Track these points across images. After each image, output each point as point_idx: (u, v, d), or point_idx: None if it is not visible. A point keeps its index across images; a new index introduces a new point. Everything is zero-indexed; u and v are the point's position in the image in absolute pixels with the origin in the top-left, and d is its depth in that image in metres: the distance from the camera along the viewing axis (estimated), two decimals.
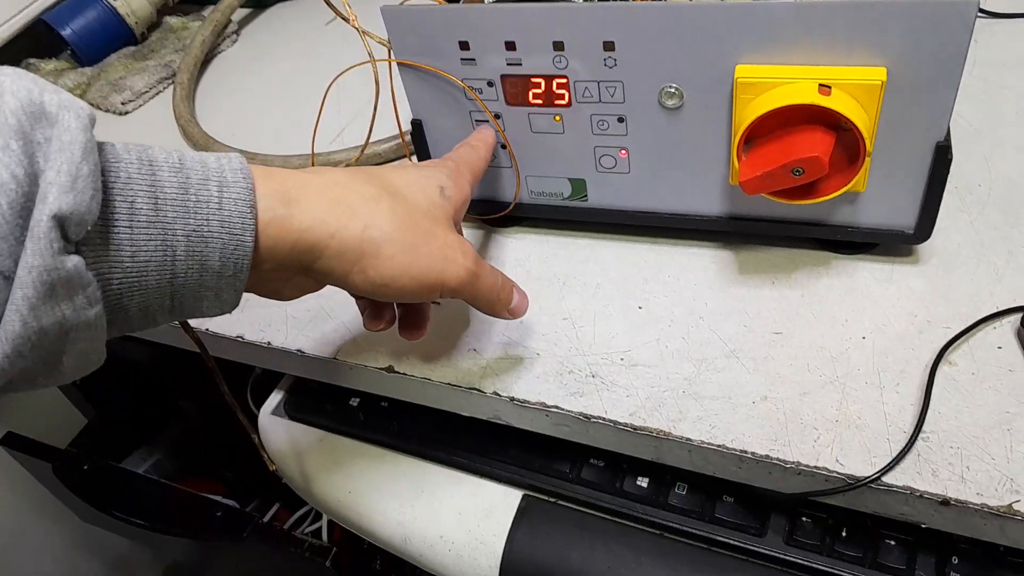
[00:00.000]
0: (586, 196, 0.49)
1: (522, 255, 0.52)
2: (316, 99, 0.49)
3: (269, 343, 0.50)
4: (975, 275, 0.44)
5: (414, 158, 0.51)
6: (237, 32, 0.83)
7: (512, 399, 0.43)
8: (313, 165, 0.55)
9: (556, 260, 0.51)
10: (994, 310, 0.42)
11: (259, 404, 0.58)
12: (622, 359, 0.44)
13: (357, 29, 0.42)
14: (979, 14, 0.63)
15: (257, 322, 0.51)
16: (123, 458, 0.84)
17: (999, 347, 0.41)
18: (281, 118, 0.69)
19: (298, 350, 0.49)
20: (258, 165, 0.33)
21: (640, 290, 0.48)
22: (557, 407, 0.43)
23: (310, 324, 0.50)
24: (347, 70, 0.46)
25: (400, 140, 0.60)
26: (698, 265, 0.49)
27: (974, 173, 0.50)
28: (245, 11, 0.86)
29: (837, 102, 0.37)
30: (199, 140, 0.66)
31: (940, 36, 0.36)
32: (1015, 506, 0.35)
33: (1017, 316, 0.42)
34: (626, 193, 0.48)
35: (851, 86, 0.38)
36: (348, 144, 0.63)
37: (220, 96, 0.75)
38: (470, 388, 0.44)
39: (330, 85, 0.48)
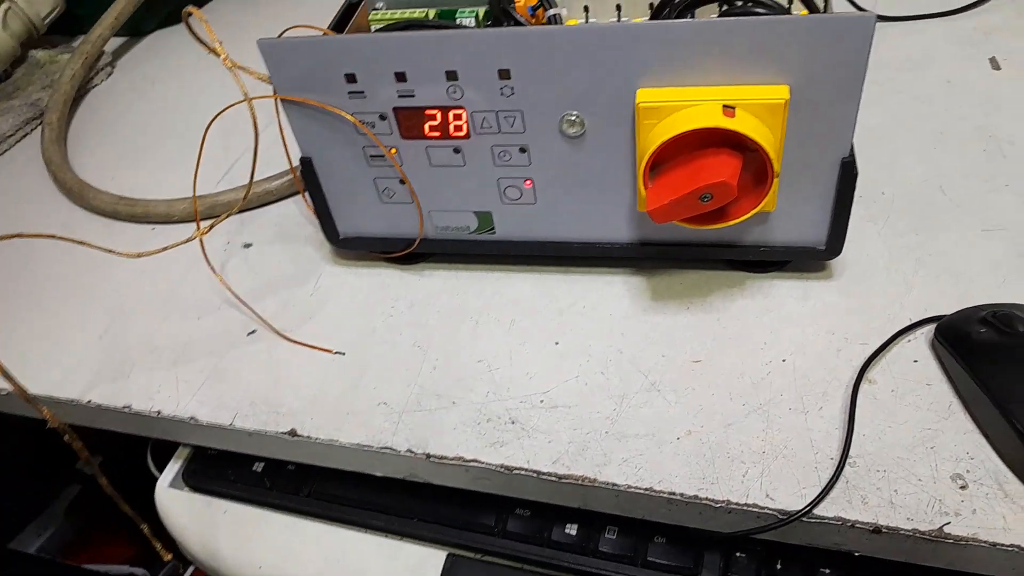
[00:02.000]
0: (493, 229, 0.47)
1: (431, 294, 0.49)
2: (200, 134, 0.45)
3: (159, 412, 0.45)
4: (887, 287, 0.44)
5: (307, 195, 0.48)
6: (111, 64, 0.77)
7: (428, 456, 0.41)
8: (195, 208, 0.51)
9: (467, 296, 0.48)
10: (908, 322, 0.42)
11: (162, 468, 0.53)
12: (542, 401, 0.42)
13: (229, 67, 0.38)
14: None
15: (146, 388, 0.47)
16: (13, 536, 0.77)
17: (915, 360, 0.41)
18: (164, 158, 0.65)
19: (191, 418, 0.45)
20: None
21: (556, 324, 0.46)
22: (476, 460, 0.40)
23: (203, 388, 0.46)
24: (224, 111, 0.42)
25: (292, 176, 0.56)
26: (613, 294, 0.47)
27: (877, 180, 0.50)
28: (119, 40, 0.80)
29: (742, 123, 0.36)
30: (73, 187, 0.61)
31: (840, 52, 0.35)
32: (946, 528, 0.34)
33: (931, 327, 0.41)
34: (534, 224, 0.46)
35: (755, 106, 0.37)
36: (237, 182, 0.59)
37: (95, 136, 0.69)
38: (382, 448, 0.41)
39: (208, 127, 0.44)
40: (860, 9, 0.63)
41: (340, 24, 0.47)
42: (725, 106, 0.36)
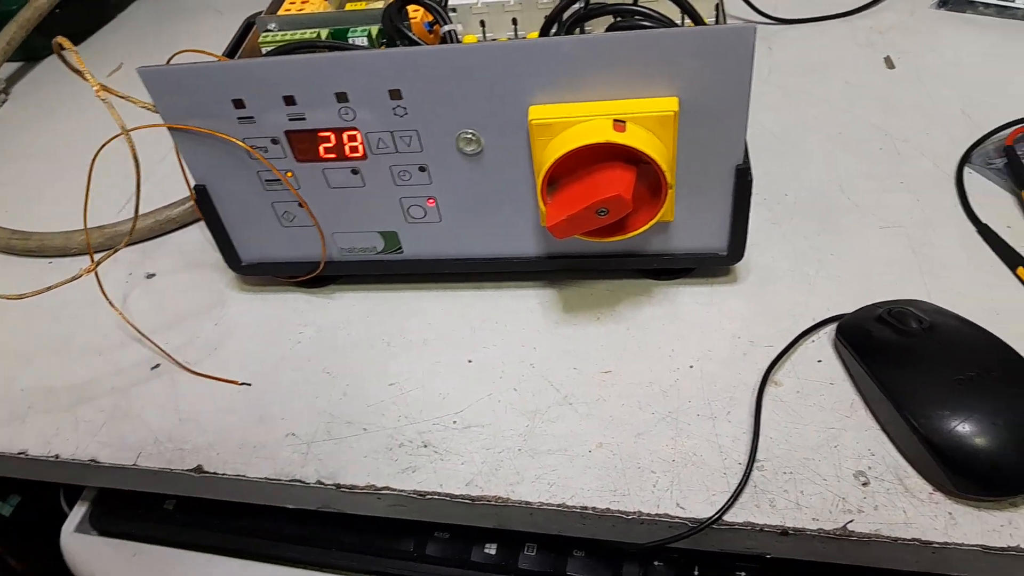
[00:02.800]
0: (401, 248, 0.46)
1: (341, 317, 0.48)
2: (101, 162, 0.43)
3: (57, 456, 0.43)
4: (791, 288, 0.45)
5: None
6: (6, 91, 0.74)
7: (338, 486, 0.40)
8: (88, 240, 0.49)
9: (378, 318, 0.47)
10: (811, 323, 0.43)
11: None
12: (455, 422, 0.41)
13: (103, 99, 0.37)
14: (771, 22, 0.65)
15: (42, 432, 0.45)
16: None
17: (819, 360, 0.41)
18: (64, 188, 0.62)
19: (92, 460, 0.43)
20: None
21: (469, 341, 0.45)
22: (388, 488, 0.39)
23: (105, 427, 0.44)
24: (105, 144, 0.40)
25: (192, 202, 0.54)
26: (524, 308, 0.47)
27: (781, 182, 0.51)
28: (15, 65, 0.77)
29: (632, 137, 0.36)
30: None
31: (724, 63, 0.36)
32: (849, 527, 0.35)
33: (832, 327, 0.42)
34: (441, 241, 0.45)
35: (645, 119, 0.37)
36: (141, 209, 0.57)
37: None
38: (291, 481, 0.40)
39: (93, 160, 0.42)
40: (760, 13, 0.65)
41: (236, 48, 0.45)
42: (616, 120, 0.36)
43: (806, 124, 0.55)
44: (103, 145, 0.41)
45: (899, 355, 0.38)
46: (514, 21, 0.45)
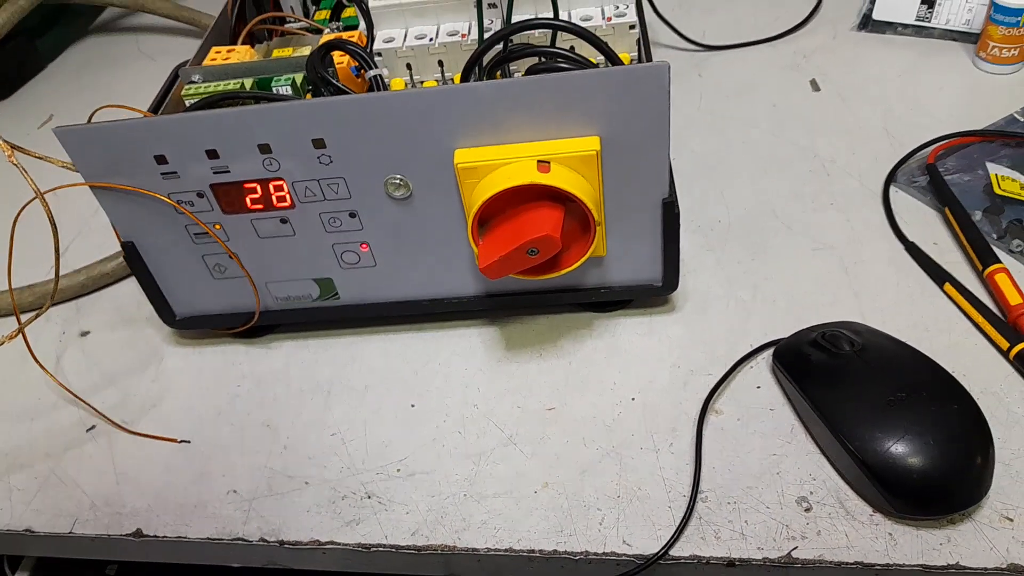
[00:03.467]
0: (337, 294, 0.46)
1: (280, 367, 0.47)
2: (32, 219, 0.42)
3: None
4: (727, 315, 0.45)
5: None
6: None
7: (282, 543, 0.39)
8: (13, 301, 0.47)
9: (318, 366, 0.47)
10: (748, 349, 0.43)
11: None
12: (399, 470, 0.41)
13: (15, 163, 0.36)
14: (699, 48, 0.66)
15: None
16: None
17: (758, 387, 0.42)
18: None
19: (27, 529, 0.41)
20: None
21: (412, 385, 0.45)
22: (333, 542, 0.38)
23: (39, 495, 0.43)
24: (22, 209, 0.39)
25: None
26: (466, 346, 0.46)
27: (713, 209, 0.52)
28: None
29: (557, 178, 0.36)
30: None
31: (642, 100, 0.36)
32: (794, 553, 0.35)
33: (770, 352, 0.43)
34: (378, 286, 0.45)
35: (569, 158, 0.37)
36: (73, 265, 0.56)
37: None
38: (233, 540, 0.39)
39: (14, 224, 0.41)
40: (688, 40, 0.66)
41: (160, 101, 0.45)
42: (540, 161, 0.37)
43: (736, 148, 0.56)
44: (21, 209, 0.40)
45: (833, 378, 0.38)
46: (440, 63, 0.46)
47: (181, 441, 0.44)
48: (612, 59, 0.38)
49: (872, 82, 0.60)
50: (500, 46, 0.40)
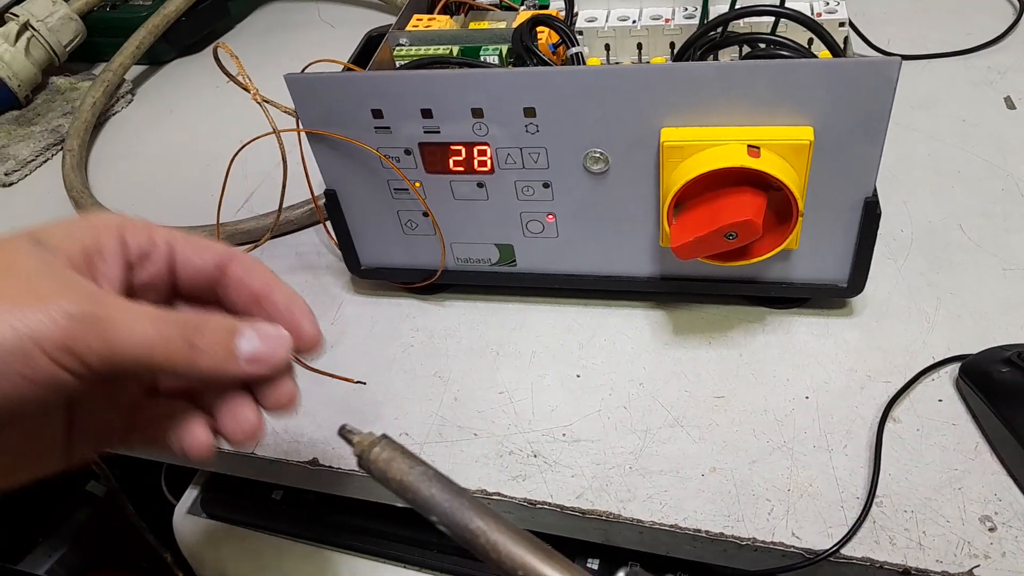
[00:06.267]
0: (515, 261, 0.47)
1: (451, 324, 0.49)
2: (220, 162, 0.45)
3: None
4: (908, 325, 0.44)
5: (328, 224, 0.48)
6: (132, 92, 0.78)
7: None
8: (219, 236, 0.51)
9: (487, 328, 0.48)
10: (931, 361, 0.42)
11: (177, 494, 0.53)
12: (564, 435, 0.42)
13: (258, 102, 0.39)
14: (882, 55, 0.64)
15: None
16: (23, 556, 0.77)
17: (940, 400, 0.41)
18: (183, 185, 0.65)
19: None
20: None
21: (576, 357, 0.46)
22: (499, 494, 0.40)
23: None
24: (250, 142, 0.42)
25: (313, 205, 0.56)
26: (632, 327, 0.47)
27: (895, 218, 0.50)
28: (140, 68, 0.81)
29: (768, 164, 0.36)
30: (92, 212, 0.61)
31: (864, 95, 0.36)
32: (976, 571, 0.34)
33: (954, 367, 0.41)
34: (555, 257, 0.46)
35: (780, 146, 0.37)
36: (256, 211, 0.59)
37: (115, 162, 0.70)
38: None
39: (233, 158, 0.44)
40: (876, 49, 0.64)
41: (361, 59, 0.47)
42: (750, 146, 0.37)
43: (920, 160, 0.55)
44: (245, 144, 0.43)
45: None
46: (639, 46, 0.46)
47: (357, 382, 0.46)
48: (835, 51, 0.38)
49: None
50: (716, 32, 0.40)
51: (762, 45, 0.40)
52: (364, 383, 0.46)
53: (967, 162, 0.54)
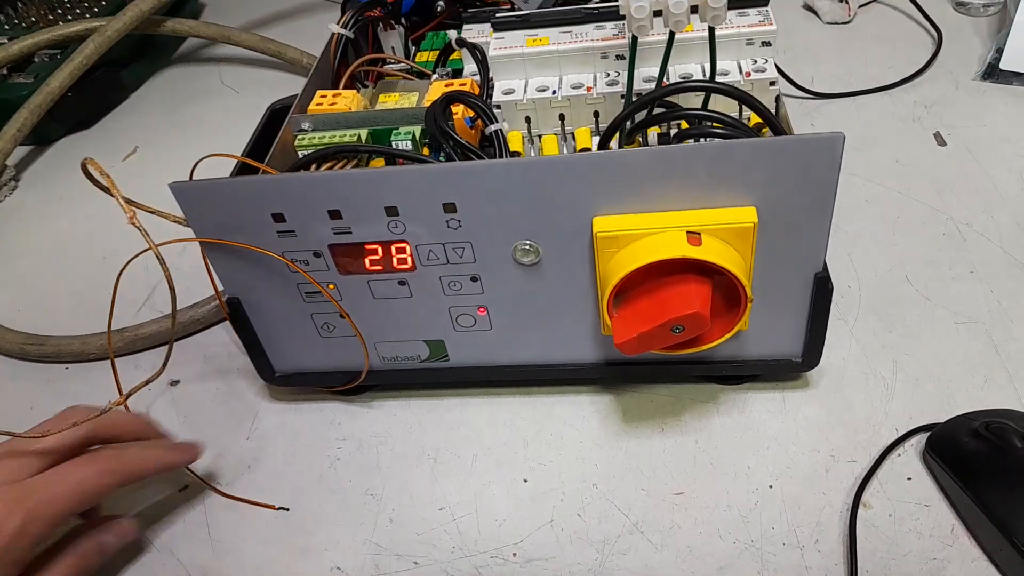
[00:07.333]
0: (447, 356, 0.43)
1: (382, 429, 0.45)
2: (118, 256, 0.40)
3: None
4: (866, 394, 0.42)
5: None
6: (16, 178, 0.71)
7: None
8: (110, 346, 0.46)
9: (422, 430, 0.44)
10: (895, 434, 0.40)
11: None
12: (515, 554, 0.38)
13: (136, 226, 0.34)
14: (810, 96, 0.63)
15: None
16: None
17: (909, 478, 0.38)
18: (79, 283, 0.59)
19: None
20: None
21: (522, 457, 0.42)
22: None
23: (132, 568, 0.41)
24: (131, 260, 0.37)
25: (219, 302, 0.51)
26: (579, 417, 0.43)
27: (843, 274, 0.48)
28: (25, 149, 0.75)
29: (710, 251, 0.34)
30: None
31: (809, 173, 0.33)
32: None
33: (920, 438, 0.39)
34: (491, 349, 0.42)
35: (722, 230, 0.34)
36: (160, 308, 0.54)
37: (2, 263, 0.63)
38: None
39: (119, 275, 0.39)
40: (801, 88, 0.63)
41: (260, 144, 0.43)
42: (690, 233, 0.34)
43: (860, 206, 0.53)
44: (128, 263, 0.38)
45: (1004, 476, 0.35)
46: (561, 117, 0.43)
47: (280, 508, 0.42)
48: (776, 128, 0.35)
49: (1003, 137, 0.56)
50: (645, 111, 0.37)
51: (708, 123, 0.37)
52: (287, 509, 0.41)
53: (906, 206, 0.52)
